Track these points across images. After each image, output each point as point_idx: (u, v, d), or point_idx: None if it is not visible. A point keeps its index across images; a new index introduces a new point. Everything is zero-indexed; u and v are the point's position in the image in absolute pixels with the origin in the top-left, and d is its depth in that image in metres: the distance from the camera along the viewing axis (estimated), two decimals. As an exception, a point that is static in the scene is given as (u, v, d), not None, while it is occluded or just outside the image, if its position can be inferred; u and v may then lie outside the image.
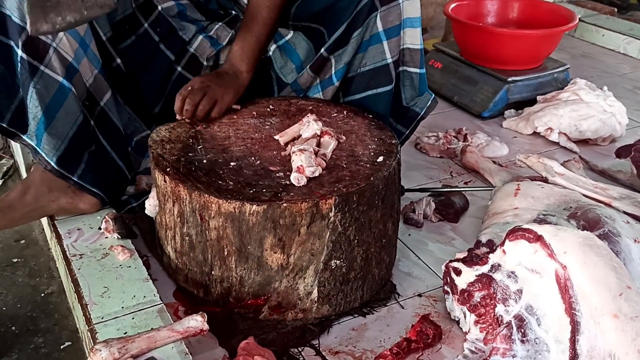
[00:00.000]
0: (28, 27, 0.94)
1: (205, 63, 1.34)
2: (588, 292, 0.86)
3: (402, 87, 1.33)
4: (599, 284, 0.86)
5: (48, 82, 1.08)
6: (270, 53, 1.39)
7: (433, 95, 1.36)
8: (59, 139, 1.12)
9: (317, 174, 1.01)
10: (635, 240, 1.07)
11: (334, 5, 1.25)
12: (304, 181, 0.99)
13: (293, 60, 1.36)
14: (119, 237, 1.17)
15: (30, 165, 1.43)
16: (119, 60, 1.25)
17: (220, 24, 1.36)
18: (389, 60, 1.26)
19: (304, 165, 1.00)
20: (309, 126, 1.11)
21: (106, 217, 1.18)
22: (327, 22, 1.27)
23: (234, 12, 1.39)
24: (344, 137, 1.13)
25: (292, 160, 1.03)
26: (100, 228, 1.19)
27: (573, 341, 0.86)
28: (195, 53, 1.33)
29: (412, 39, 1.27)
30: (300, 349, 1.01)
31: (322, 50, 1.26)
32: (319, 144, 1.09)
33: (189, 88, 1.18)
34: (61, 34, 1.07)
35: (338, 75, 1.28)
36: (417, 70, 1.32)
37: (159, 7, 1.29)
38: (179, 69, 1.33)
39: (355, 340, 1.04)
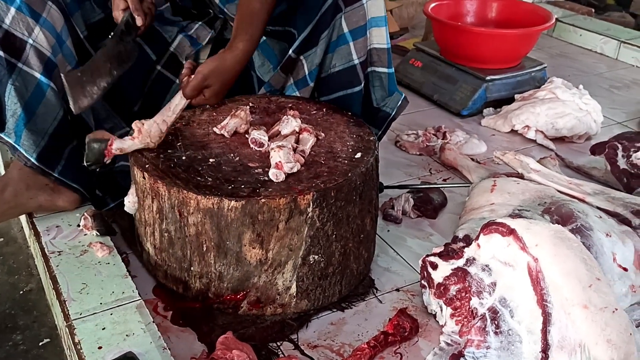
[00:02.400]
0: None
1: (184, 62, 1.34)
2: (559, 283, 0.88)
3: (372, 87, 1.33)
4: (570, 276, 0.88)
5: (26, 79, 1.08)
6: None
7: (403, 94, 1.38)
8: (39, 135, 1.12)
9: (295, 170, 1.02)
10: (607, 234, 1.09)
11: (300, 6, 1.25)
12: (282, 177, 1.00)
13: (271, 60, 1.36)
14: (98, 234, 1.17)
15: (9, 162, 1.43)
16: None
17: (200, 23, 1.36)
18: (356, 61, 1.27)
19: (282, 162, 1.01)
20: (288, 123, 1.12)
21: (85, 214, 1.18)
22: (296, 23, 1.27)
23: (212, 12, 1.39)
24: (322, 134, 1.14)
25: (270, 157, 1.04)
26: (79, 225, 1.19)
27: (544, 332, 0.88)
28: (175, 52, 1.34)
29: (379, 38, 1.28)
30: (279, 344, 1.02)
31: (290, 51, 1.26)
32: (297, 141, 1.10)
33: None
34: (37, 29, 1.07)
35: (312, 77, 1.29)
36: (386, 70, 1.32)
37: None
38: (159, 67, 1.34)
39: (333, 334, 1.05)
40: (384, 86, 1.34)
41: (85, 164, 1.06)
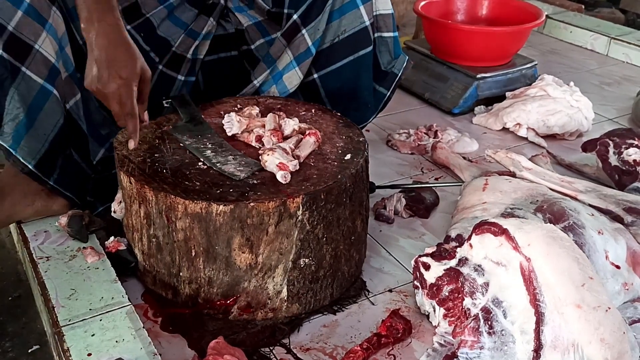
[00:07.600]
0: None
1: (188, 56, 1.33)
2: (552, 283, 0.88)
3: (379, 53, 1.38)
4: (562, 275, 0.88)
5: (29, 84, 1.05)
6: (254, 47, 1.39)
7: (407, 56, 1.43)
8: (39, 142, 1.10)
9: (297, 167, 1.01)
10: (599, 232, 1.09)
11: None
12: (289, 176, 0.99)
13: (265, 38, 1.37)
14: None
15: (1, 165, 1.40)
16: None
17: (209, 19, 1.34)
18: (367, 23, 1.31)
19: (283, 162, 1.00)
20: (287, 124, 1.12)
21: (69, 212, 1.16)
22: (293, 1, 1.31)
23: (222, 2, 1.37)
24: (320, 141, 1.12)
25: (265, 162, 1.02)
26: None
27: (537, 331, 0.88)
28: (176, 50, 1.32)
29: (383, 4, 1.34)
30: (270, 348, 1.01)
31: (295, 16, 1.28)
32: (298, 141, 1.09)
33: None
34: (44, 34, 1.05)
35: (316, 45, 1.30)
36: (391, 34, 1.37)
37: (147, 15, 1.28)
38: (161, 67, 1.31)
39: (326, 337, 1.05)
40: (390, 50, 1.40)
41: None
